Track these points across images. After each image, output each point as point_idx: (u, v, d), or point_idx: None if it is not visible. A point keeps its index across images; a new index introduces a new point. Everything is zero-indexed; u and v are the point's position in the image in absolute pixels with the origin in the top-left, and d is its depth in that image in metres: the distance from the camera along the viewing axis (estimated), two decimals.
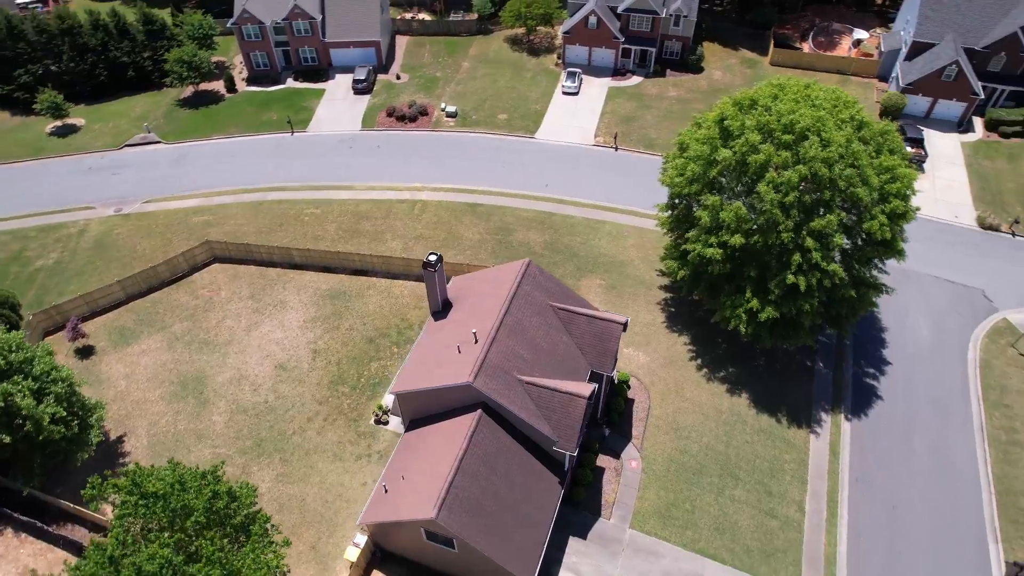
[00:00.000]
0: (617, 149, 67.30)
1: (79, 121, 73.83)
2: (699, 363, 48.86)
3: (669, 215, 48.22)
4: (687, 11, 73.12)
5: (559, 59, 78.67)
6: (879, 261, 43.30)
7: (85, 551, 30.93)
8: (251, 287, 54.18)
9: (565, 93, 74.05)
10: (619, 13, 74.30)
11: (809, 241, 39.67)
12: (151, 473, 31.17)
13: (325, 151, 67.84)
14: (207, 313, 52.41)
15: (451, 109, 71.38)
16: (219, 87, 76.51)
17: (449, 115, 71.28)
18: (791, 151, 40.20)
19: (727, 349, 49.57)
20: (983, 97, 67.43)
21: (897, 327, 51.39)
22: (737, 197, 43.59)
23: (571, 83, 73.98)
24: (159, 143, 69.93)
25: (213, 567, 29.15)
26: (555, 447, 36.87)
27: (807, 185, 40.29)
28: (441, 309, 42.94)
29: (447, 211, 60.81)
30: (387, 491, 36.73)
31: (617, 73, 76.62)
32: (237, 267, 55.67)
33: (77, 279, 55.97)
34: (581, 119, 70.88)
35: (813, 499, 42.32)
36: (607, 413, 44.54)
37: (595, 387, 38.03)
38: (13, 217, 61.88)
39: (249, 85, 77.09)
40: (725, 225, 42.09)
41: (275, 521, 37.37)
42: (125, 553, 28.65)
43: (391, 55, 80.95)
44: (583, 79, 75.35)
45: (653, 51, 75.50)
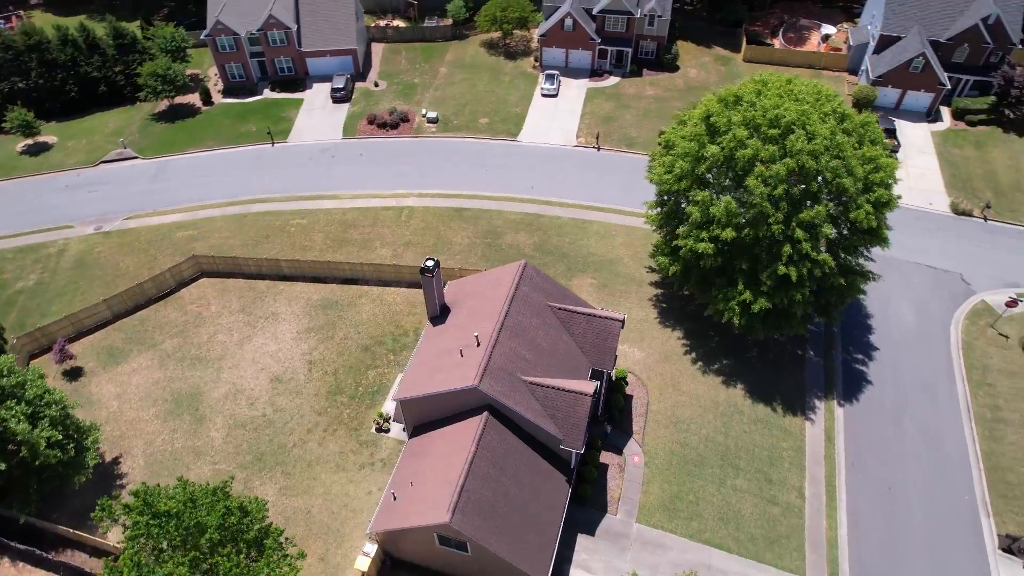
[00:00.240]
0: (599, 149, 67.99)
1: (51, 139, 72.33)
2: (694, 357, 49.61)
3: (658, 212, 48.93)
4: (661, 11, 74.22)
5: (536, 62, 79.20)
6: (865, 249, 44.45)
7: None
8: (241, 300, 53.60)
9: (544, 95, 74.58)
10: (594, 15, 75.10)
11: (799, 232, 40.63)
12: (162, 492, 30.72)
13: (307, 161, 67.39)
14: (197, 328, 51.72)
15: (432, 115, 71.42)
16: (195, 100, 75.51)
17: (430, 121, 71.31)
18: (778, 145, 41.15)
19: (720, 342, 50.40)
20: (949, 87, 69.53)
21: (882, 313, 52.77)
22: (725, 192, 44.43)
23: (550, 85, 74.53)
24: (136, 158, 68.79)
25: None
26: (562, 445, 37.20)
27: (794, 177, 41.25)
28: (439, 314, 43.01)
29: (434, 216, 60.84)
30: (396, 498, 36.67)
31: (594, 74, 77.39)
32: (225, 281, 55.03)
33: (59, 300, 54.82)
34: (562, 121, 71.46)
35: (812, 484, 43.24)
36: (607, 410, 44.98)
37: (598, 384, 38.46)
38: None
39: (225, 97, 76.24)
40: (716, 220, 42.87)
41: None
42: (141, 574, 28.18)
43: (368, 63, 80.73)
44: (561, 81, 75.98)
45: (629, 51, 76.44)
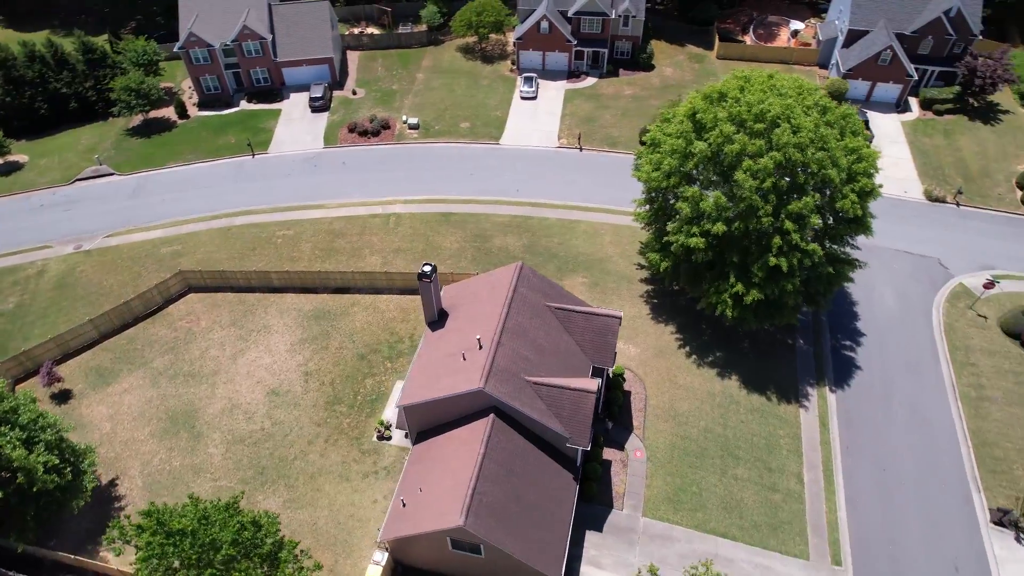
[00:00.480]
0: (581, 149, 68.59)
1: (21, 158, 70.64)
2: (687, 350, 50.32)
3: (647, 209, 49.57)
4: (635, 11, 75.18)
5: (513, 65, 79.63)
6: (850, 238, 45.58)
7: None
8: (231, 314, 52.95)
9: (523, 98, 74.98)
10: (569, 17, 75.76)
11: (788, 223, 41.53)
12: (174, 510, 30.25)
13: (290, 171, 66.83)
14: (188, 345, 50.97)
15: (413, 121, 71.37)
16: (170, 114, 74.35)
17: (412, 127, 71.24)
18: (764, 139, 42.04)
19: (712, 334, 51.20)
20: (916, 78, 71.62)
21: (866, 300, 54.11)
22: (713, 187, 45.24)
23: (528, 88, 75.00)
24: (113, 175, 67.52)
25: None
26: (568, 443, 37.48)
27: (781, 170, 42.16)
28: (437, 319, 43.05)
29: (422, 222, 60.79)
30: (405, 505, 36.60)
31: (572, 75, 78.06)
32: (214, 295, 54.31)
33: (42, 322, 53.58)
34: (542, 122, 71.94)
35: (810, 470, 44.17)
36: (608, 407, 45.39)
37: (600, 381, 38.84)
38: None
39: (201, 110, 75.21)
40: (706, 214, 43.62)
41: None
42: None
43: (344, 71, 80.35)
44: (539, 83, 76.47)
45: (605, 52, 77.28)
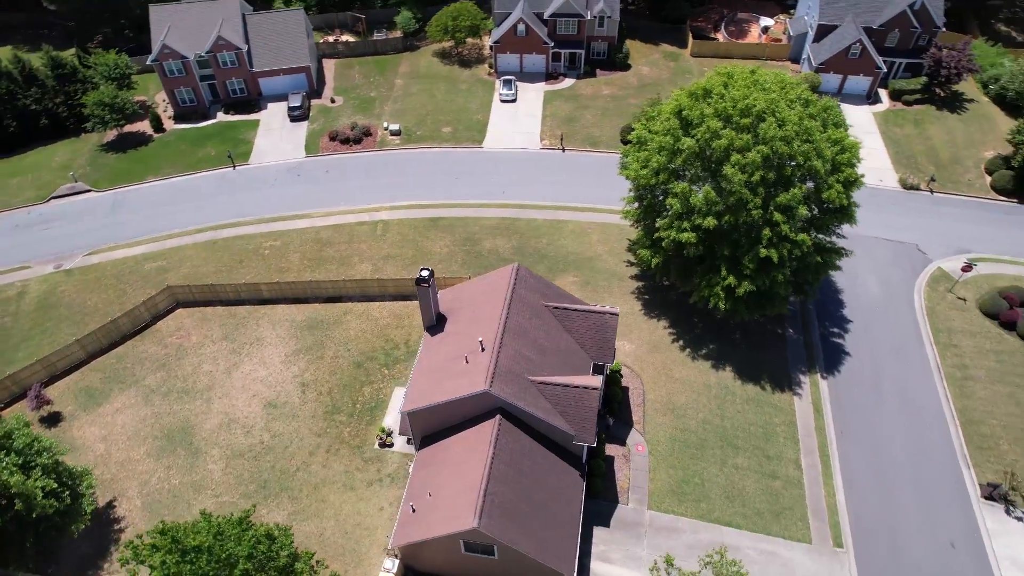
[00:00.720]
0: (564, 150, 69.11)
1: None
2: (681, 344, 51.02)
3: (637, 207, 50.18)
4: (610, 12, 76.01)
5: (491, 68, 79.91)
6: (836, 227, 46.67)
7: None
8: (223, 328, 52.29)
9: (503, 101, 75.30)
10: (545, 19, 76.30)
11: (777, 215, 42.43)
12: (188, 527, 29.85)
13: (273, 182, 66.22)
14: (180, 361, 50.21)
15: (395, 127, 71.22)
16: (145, 127, 73.11)
17: (393, 133, 71.09)
18: (750, 133, 42.90)
19: (704, 327, 51.99)
20: (885, 70, 73.53)
21: (850, 288, 55.40)
22: (702, 182, 45.99)
23: (508, 91, 75.33)
24: (90, 191, 66.20)
25: None
26: (574, 441, 37.80)
27: (768, 163, 43.01)
28: (436, 323, 43.08)
29: (410, 228, 60.70)
30: (415, 510, 36.56)
31: (550, 77, 78.61)
32: (203, 310, 53.58)
33: (26, 345, 52.36)
34: (524, 124, 72.34)
35: (807, 456, 45.08)
36: (608, 403, 45.82)
37: (602, 378, 39.23)
38: None
39: (177, 123, 74.11)
40: (696, 209, 44.34)
41: None
42: None
43: (321, 79, 79.84)
44: (518, 86, 76.87)
45: (582, 53, 77.99)
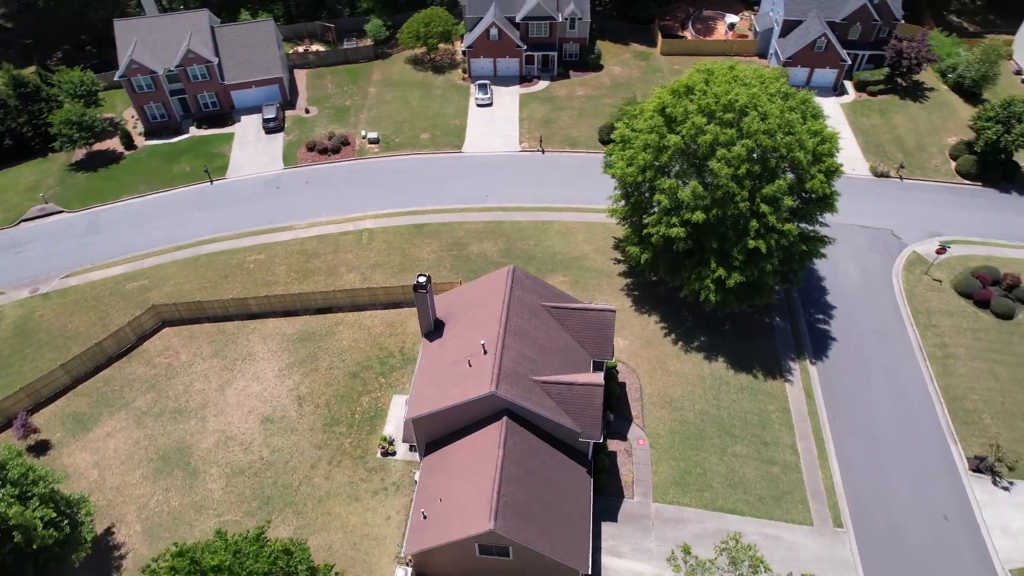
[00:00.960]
0: (544, 152, 69.59)
1: None
2: (673, 338, 51.77)
3: (624, 205, 50.80)
4: (581, 13, 76.79)
5: (465, 73, 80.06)
6: (819, 216, 47.89)
7: None
8: (212, 345, 51.44)
9: (479, 105, 75.53)
10: (517, 23, 76.76)
11: (764, 206, 43.41)
12: (204, 547, 29.33)
13: (252, 195, 65.35)
14: (170, 380, 49.24)
15: (372, 135, 70.89)
16: (115, 145, 71.55)
17: (371, 141, 70.76)
18: (734, 127, 43.82)
19: (694, 320, 52.84)
20: (850, 63, 75.70)
21: (832, 275, 56.86)
22: (688, 177, 46.80)
23: (483, 95, 75.56)
24: (61, 212, 64.56)
25: None
26: (581, 438, 38.11)
27: (753, 156, 43.99)
28: (434, 329, 43.02)
29: (396, 235, 60.48)
30: (426, 517, 36.45)
31: (524, 80, 79.09)
32: (191, 327, 52.65)
33: (5, 372, 50.85)
34: (502, 128, 72.64)
35: (802, 440, 46.14)
36: (607, 399, 46.21)
37: (604, 375, 39.63)
38: None
39: (148, 139, 72.64)
40: (685, 204, 45.10)
41: None
42: None
43: (294, 90, 79.06)
44: (493, 90, 77.15)
45: (554, 55, 78.64)
